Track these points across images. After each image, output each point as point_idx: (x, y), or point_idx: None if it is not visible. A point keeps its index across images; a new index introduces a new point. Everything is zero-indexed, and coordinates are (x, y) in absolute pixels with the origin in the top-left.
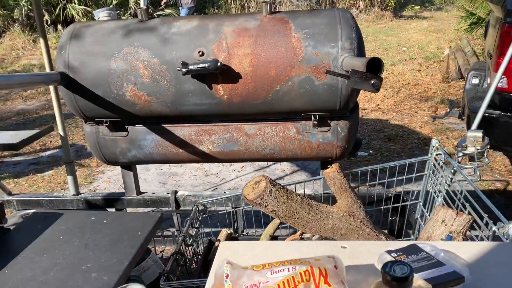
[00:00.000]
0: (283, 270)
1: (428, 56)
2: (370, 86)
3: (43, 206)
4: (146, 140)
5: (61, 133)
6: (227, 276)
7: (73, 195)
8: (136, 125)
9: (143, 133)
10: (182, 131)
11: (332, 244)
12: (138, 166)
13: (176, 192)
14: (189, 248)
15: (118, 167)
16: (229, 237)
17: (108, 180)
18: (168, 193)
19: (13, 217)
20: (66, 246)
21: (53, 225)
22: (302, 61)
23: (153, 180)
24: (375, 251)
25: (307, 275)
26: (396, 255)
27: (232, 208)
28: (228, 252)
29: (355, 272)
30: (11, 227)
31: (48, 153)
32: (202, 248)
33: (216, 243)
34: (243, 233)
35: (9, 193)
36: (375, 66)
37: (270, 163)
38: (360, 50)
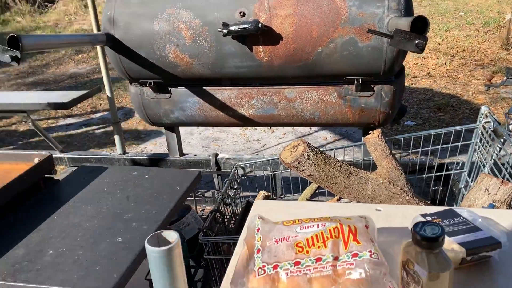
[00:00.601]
0: (313, 226)
1: (487, 22)
2: (414, 46)
3: (91, 164)
4: (188, 102)
5: (108, 94)
6: (258, 230)
7: (120, 154)
8: (179, 87)
9: (185, 95)
10: (223, 94)
11: (366, 206)
12: (182, 130)
13: (217, 154)
14: (228, 207)
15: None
16: (266, 199)
17: (155, 142)
18: (209, 156)
19: (64, 173)
20: (110, 197)
21: (98, 177)
22: (345, 21)
23: (197, 144)
24: (410, 215)
25: (336, 231)
26: (430, 219)
27: (271, 172)
28: (262, 209)
29: (388, 234)
30: (60, 178)
31: (98, 115)
32: (240, 209)
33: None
34: (281, 197)
35: (61, 151)
36: (420, 27)
37: (312, 130)
38: (408, 11)
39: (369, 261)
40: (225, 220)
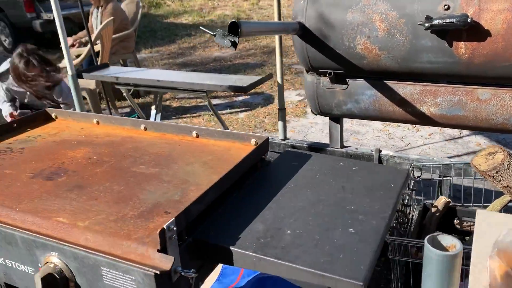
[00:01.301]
0: None
1: None
2: None
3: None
4: (365, 95)
5: (279, 81)
6: None
7: (281, 139)
8: (357, 79)
9: (363, 87)
10: (405, 89)
11: None
12: (320, 120)
13: (380, 150)
14: (407, 208)
15: (302, 119)
16: (447, 205)
17: (293, 129)
18: (371, 150)
19: None
20: (324, 185)
21: (306, 164)
22: None
23: None
24: None
25: None
26: None
27: (439, 177)
28: (489, 221)
29: None
30: (270, 160)
31: (240, 98)
32: (410, 210)
33: (432, 209)
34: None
35: (227, 129)
36: None
37: (463, 133)
38: None
39: None
40: (406, 220)
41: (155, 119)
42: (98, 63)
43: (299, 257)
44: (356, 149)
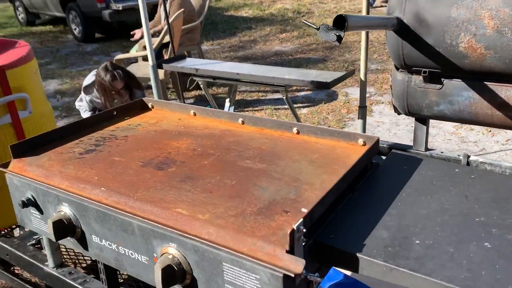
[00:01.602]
0: None
1: None
2: None
3: None
4: (461, 96)
5: (362, 77)
6: None
7: None
8: (454, 79)
9: (459, 88)
10: (508, 92)
11: None
12: (387, 119)
13: (468, 156)
14: None
15: (368, 117)
16: None
17: (355, 128)
18: (459, 155)
19: None
20: (444, 192)
21: (418, 168)
22: None
23: (403, 136)
24: None
25: None
26: None
27: None
28: None
29: None
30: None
31: (302, 93)
32: None
33: None
34: None
35: (299, 120)
36: None
37: None
38: None
39: None
40: None
41: (228, 111)
42: (166, 55)
43: (436, 271)
44: (442, 152)
